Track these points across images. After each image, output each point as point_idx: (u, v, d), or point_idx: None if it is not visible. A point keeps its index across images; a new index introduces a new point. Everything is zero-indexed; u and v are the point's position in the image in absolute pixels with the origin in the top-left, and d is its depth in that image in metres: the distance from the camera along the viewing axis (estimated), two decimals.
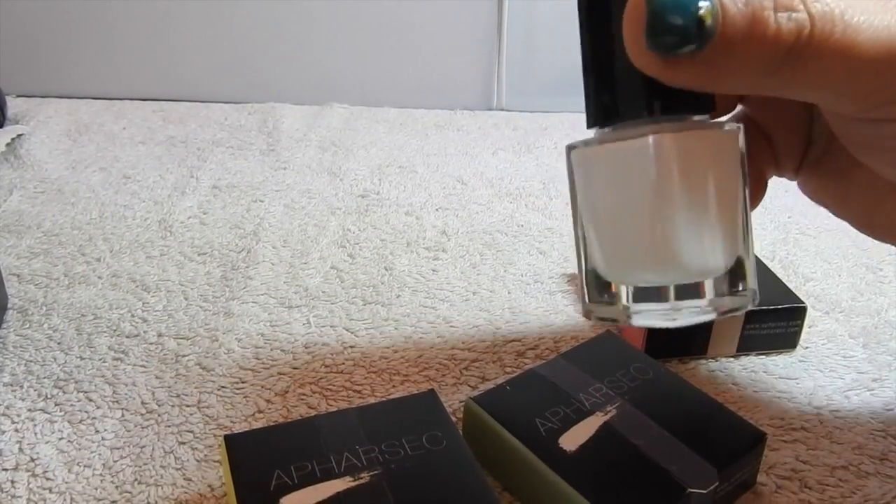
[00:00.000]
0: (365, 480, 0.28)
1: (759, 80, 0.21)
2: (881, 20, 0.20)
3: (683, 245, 0.22)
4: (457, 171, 0.65)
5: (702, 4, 0.20)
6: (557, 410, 0.32)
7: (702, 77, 0.21)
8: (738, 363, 0.40)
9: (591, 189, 0.24)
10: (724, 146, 0.23)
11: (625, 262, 0.23)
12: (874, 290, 0.48)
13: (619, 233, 0.23)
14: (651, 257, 0.22)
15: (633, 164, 0.22)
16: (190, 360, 0.40)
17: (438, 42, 0.81)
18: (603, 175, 0.23)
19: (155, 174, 0.63)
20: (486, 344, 0.41)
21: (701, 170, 0.22)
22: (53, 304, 0.44)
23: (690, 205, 0.22)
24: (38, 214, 0.55)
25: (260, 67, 0.82)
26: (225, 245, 0.52)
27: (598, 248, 0.24)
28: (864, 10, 0.20)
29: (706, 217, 0.22)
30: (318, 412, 0.36)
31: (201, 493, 0.32)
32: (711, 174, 0.22)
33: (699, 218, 0.22)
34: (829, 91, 0.22)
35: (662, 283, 0.23)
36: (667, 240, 0.22)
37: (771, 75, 0.21)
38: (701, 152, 0.22)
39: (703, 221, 0.22)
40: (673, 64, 0.21)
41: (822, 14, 0.20)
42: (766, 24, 0.20)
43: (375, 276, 0.48)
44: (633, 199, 0.22)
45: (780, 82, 0.21)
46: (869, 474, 0.33)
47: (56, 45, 0.81)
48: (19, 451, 0.34)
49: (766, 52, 0.20)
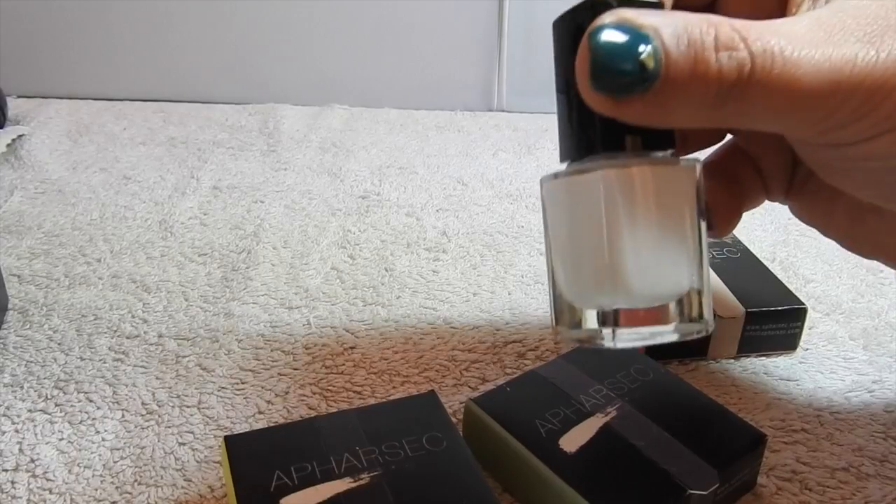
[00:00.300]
0: (365, 481, 0.28)
1: (706, 115, 0.23)
2: (822, 53, 0.22)
3: (630, 272, 0.24)
4: (457, 172, 0.65)
5: (643, 49, 0.21)
6: (558, 412, 0.32)
7: (650, 114, 0.22)
8: (738, 365, 0.40)
9: (555, 218, 0.26)
10: (676, 180, 0.24)
11: (582, 287, 0.25)
12: (875, 291, 0.48)
13: (576, 260, 0.25)
14: (601, 284, 0.24)
15: (585, 197, 0.24)
16: (190, 360, 0.40)
17: (439, 43, 0.81)
18: (562, 206, 0.25)
19: (155, 175, 0.63)
20: (486, 345, 0.41)
21: (648, 203, 0.24)
22: (54, 305, 0.44)
23: (636, 235, 0.24)
24: (38, 215, 0.55)
25: (260, 68, 0.82)
26: (225, 246, 0.52)
27: (562, 274, 0.26)
28: (807, 45, 0.22)
29: (653, 247, 0.24)
30: (318, 413, 0.36)
31: (201, 493, 0.32)
32: (659, 207, 0.24)
33: (646, 248, 0.24)
34: (778, 121, 0.23)
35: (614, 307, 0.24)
36: (615, 267, 0.24)
37: (717, 110, 0.22)
38: (649, 186, 0.24)
39: (650, 251, 0.24)
40: (621, 103, 0.22)
41: (761, 52, 0.21)
42: (707, 64, 0.21)
43: (376, 277, 0.48)
44: (586, 229, 0.25)
45: (728, 116, 0.23)
46: (869, 476, 0.33)
47: (57, 45, 0.81)
48: (19, 451, 0.34)
49: (709, 89, 0.22)
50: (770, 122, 0.23)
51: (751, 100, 0.22)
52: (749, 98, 0.22)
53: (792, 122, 0.23)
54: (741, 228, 0.55)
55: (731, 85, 0.21)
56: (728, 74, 0.21)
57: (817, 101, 0.22)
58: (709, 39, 0.21)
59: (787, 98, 0.22)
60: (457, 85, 0.82)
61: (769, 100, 0.22)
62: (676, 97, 0.22)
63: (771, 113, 0.23)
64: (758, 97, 0.22)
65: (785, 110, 0.22)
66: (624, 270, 0.24)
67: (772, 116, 0.23)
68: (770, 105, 0.22)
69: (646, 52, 0.21)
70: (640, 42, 0.21)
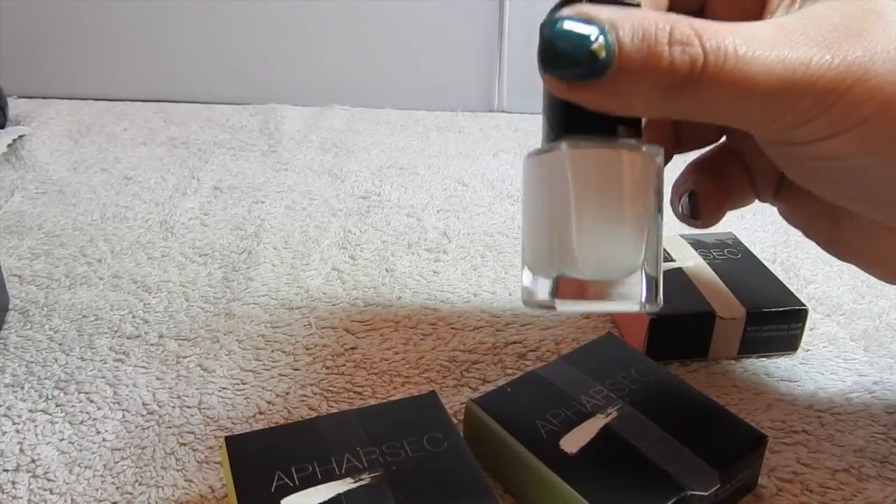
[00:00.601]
0: (366, 482, 0.28)
1: (660, 106, 0.24)
2: (778, 54, 0.23)
3: (577, 247, 0.26)
4: (458, 172, 0.65)
5: (595, 39, 0.22)
6: (558, 412, 0.32)
7: (603, 101, 0.24)
8: (739, 365, 0.40)
9: (525, 193, 0.28)
10: (629, 164, 0.26)
11: (537, 257, 0.27)
12: (875, 292, 0.48)
13: (534, 231, 0.27)
14: (552, 255, 0.26)
15: (544, 175, 0.27)
16: (191, 361, 0.40)
17: (439, 43, 0.81)
18: (527, 182, 0.28)
19: (156, 175, 0.63)
20: (486, 346, 0.41)
21: (599, 183, 0.26)
22: (55, 305, 0.44)
23: (584, 214, 0.26)
24: (39, 215, 0.55)
25: (261, 69, 0.82)
26: (226, 246, 0.52)
27: (525, 243, 0.28)
28: (764, 46, 0.23)
29: (599, 225, 0.26)
30: (319, 414, 0.36)
31: (202, 494, 0.32)
32: (610, 188, 0.26)
33: (593, 225, 0.26)
34: (733, 117, 0.24)
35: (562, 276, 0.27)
36: (563, 241, 0.26)
37: (671, 101, 0.23)
38: (600, 167, 0.26)
39: (597, 229, 0.26)
40: (575, 88, 0.23)
41: (715, 49, 0.22)
42: (659, 58, 0.22)
43: (376, 278, 0.48)
44: (543, 205, 0.27)
45: (683, 108, 0.24)
46: (870, 477, 0.33)
47: (57, 46, 0.81)
48: (20, 452, 0.34)
49: (661, 81, 0.23)
50: (725, 117, 0.25)
51: (703, 94, 0.23)
52: (702, 92, 0.23)
53: (746, 118, 0.24)
54: (742, 229, 0.55)
55: (684, 78, 0.23)
56: (680, 67, 0.22)
57: (770, 100, 0.23)
58: (663, 34, 0.22)
59: (739, 94, 0.23)
60: (457, 85, 0.82)
61: (722, 95, 0.23)
62: (629, 87, 0.23)
63: (724, 108, 0.24)
64: (710, 92, 0.23)
65: (738, 106, 0.23)
66: (571, 245, 0.26)
67: (725, 111, 0.24)
68: (723, 100, 0.23)
69: (598, 42, 0.22)
70: (593, 33, 0.23)
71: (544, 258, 0.27)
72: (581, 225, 0.26)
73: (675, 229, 0.56)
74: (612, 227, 0.26)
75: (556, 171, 0.26)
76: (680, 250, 0.45)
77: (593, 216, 0.26)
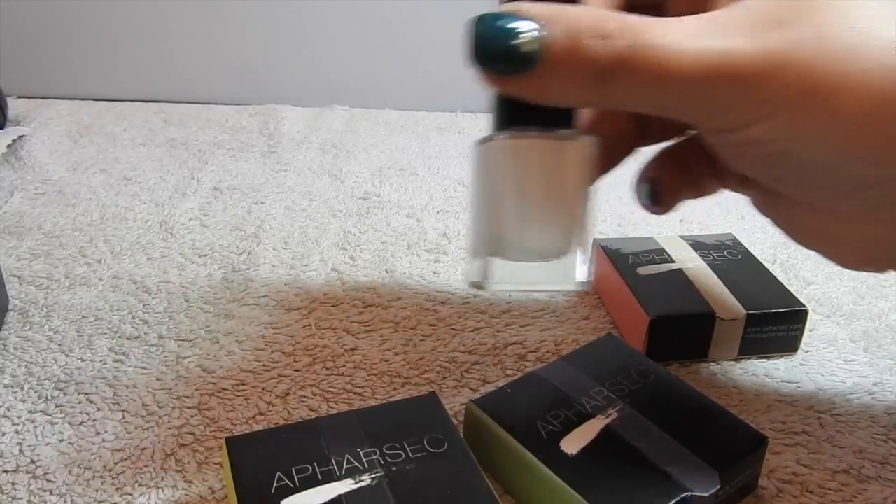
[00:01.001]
0: (366, 483, 0.28)
1: (584, 96, 0.25)
2: (705, 43, 0.24)
3: (509, 231, 0.28)
4: (458, 173, 0.65)
5: (523, 35, 0.24)
6: (559, 413, 0.32)
7: (531, 92, 0.25)
8: (739, 366, 0.40)
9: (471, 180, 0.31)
10: (560, 152, 0.28)
11: (475, 240, 0.29)
12: (875, 293, 0.48)
13: (474, 216, 0.29)
14: (489, 238, 0.29)
15: (481, 164, 0.29)
16: (191, 361, 0.40)
17: (439, 43, 0.81)
18: (472, 170, 0.30)
19: (156, 176, 0.63)
20: (487, 346, 0.41)
21: (531, 171, 0.28)
22: (54, 306, 0.44)
23: (515, 199, 0.28)
24: (38, 216, 0.55)
25: (261, 69, 0.82)
26: (226, 247, 0.52)
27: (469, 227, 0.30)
28: (693, 37, 0.24)
29: (528, 212, 0.28)
30: (319, 415, 0.36)
31: (202, 495, 0.32)
32: (542, 175, 0.28)
33: (525, 211, 0.28)
34: (660, 105, 0.25)
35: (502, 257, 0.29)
36: (499, 226, 0.28)
37: (599, 91, 0.25)
38: (532, 156, 0.28)
39: (526, 216, 0.28)
40: (507, 81, 0.25)
41: (643, 41, 0.23)
42: (585, 50, 0.24)
43: (376, 279, 0.48)
44: (482, 191, 0.29)
45: (611, 98, 0.25)
46: (870, 479, 0.33)
47: (57, 46, 0.81)
48: (20, 452, 0.34)
49: (588, 72, 0.24)
50: (653, 107, 0.26)
51: (626, 84, 0.24)
52: (624, 82, 0.24)
53: (674, 107, 0.25)
54: (742, 230, 0.55)
55: (609, 70, 0.24)
56: (603, 60, 0.24)
57: (693, 87, 0.24)
58: (590, 29, 0.24)
59: (660, 83, 0.24)
60: (457, 86, 0.82)
61: (644, 85, 0.24)
62: (557, 78, 0.24)
63: (649, 98, 0.25)
64: (631, 81, 0.24)
65: (661, 95, 0.24)
66: (503, 229, 0.28)
67: (651, 101, 0.25)
68: (646, 90, 0.24)
69: (525, 38, 0.24)
70: (521, 28, 0.24)
71: (482, 241, 0.29)
72: (513, 210, 0.28)
73: (675, 230, 0.56)
74: (544, 213, 0.28)
75: (491, 160, 0.28)
76: (680, 251, 0.45)
77: (525, 202, 0.28)
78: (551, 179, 0.28)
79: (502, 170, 0.28)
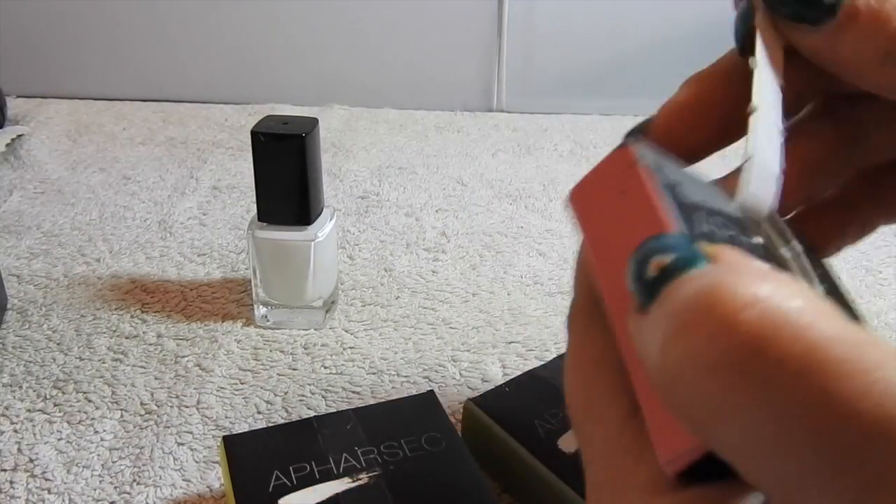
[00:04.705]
0: (364, 481, 0.28)
1: (873, 70, 0.22)
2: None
3: (270, 291, 0.42)
4: (456, 172, 0.65)
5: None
6: (557, 412, 0.32)
7: (820, 49, 0.22)
8: None
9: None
10: (292, 250, 0.41)
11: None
12: (873, 292, 0.48)
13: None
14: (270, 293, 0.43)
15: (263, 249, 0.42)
16: (189, 360, 0.40)
17: (438, 43, 0.81)
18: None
19: (155, 175, 0.63)
20: (485, 345, 0.41)
21: (275, 260, 0.42)
22: (53, 305, 0.44)
23: (276, 274, 0.42)
24: (37, 215, 0.55)
25: (260, 68, 0.82)
26: (224, 246, 0.52)
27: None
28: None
29: (282, 280, 0.42)
30: (317, 413, 0.36)
31: (200, 493, 0.32)
32: (284, 263, 0.42)
33: (279, 280, 0.42)
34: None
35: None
36: (271, 286, 0.42)
37: (886, 69, 0.21)
38: (277, 252, 0.41)
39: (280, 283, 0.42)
40: (799, 30, 0.22)
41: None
42: (888, 19, 0.21)
43: (375, 278, 0.48)
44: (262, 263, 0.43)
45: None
46: None
47: (56, 45, 0.81)
48: (18, 451, 0.34)
49: (880, 42, 0.21)
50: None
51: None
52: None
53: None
54: None
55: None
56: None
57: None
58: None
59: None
60: (456, 85, 0.82)
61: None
62: (848, 39, 0.21)
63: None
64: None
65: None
66: (268, 290, 0.43)
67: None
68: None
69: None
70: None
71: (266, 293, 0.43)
72: (275, 278, 0.42)
73: None
74: (291, 281, 0.42)
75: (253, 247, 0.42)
76: None
77: (281, 275, 0.42)
78: (305, 268, 0.42)
79: (257, 256, 0.42)
